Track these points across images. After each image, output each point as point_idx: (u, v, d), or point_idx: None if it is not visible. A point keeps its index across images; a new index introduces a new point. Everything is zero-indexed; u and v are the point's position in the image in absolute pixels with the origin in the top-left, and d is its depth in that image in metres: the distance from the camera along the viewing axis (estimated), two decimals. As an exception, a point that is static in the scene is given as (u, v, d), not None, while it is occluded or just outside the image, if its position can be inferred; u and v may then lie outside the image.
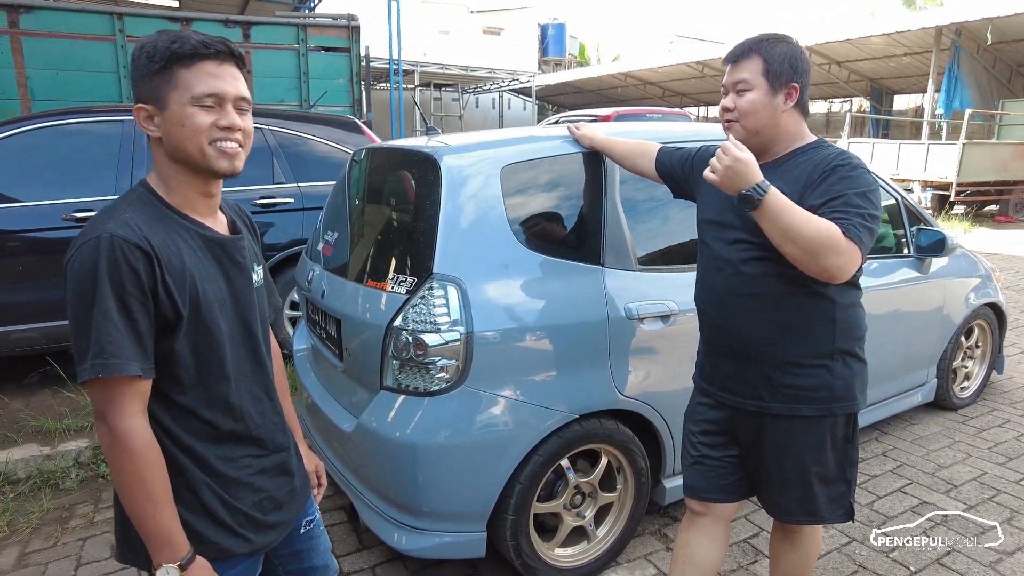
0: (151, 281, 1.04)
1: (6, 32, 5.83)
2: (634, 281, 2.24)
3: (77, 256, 1.02)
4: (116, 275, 1.00)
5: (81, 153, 3.87)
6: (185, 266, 1.09)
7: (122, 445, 1.02)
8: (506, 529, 2.07)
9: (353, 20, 7.17)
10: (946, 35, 14.21)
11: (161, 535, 1.06)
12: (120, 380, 1.02)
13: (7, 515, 2.77)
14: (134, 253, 1.02)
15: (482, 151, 2.22)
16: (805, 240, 1.41)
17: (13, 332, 3.62)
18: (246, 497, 1.20)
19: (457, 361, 1.95)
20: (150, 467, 1.04)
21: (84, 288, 1.01)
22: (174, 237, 1.10)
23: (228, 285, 1.18)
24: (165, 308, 1.06)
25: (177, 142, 1.10)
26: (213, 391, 1.15)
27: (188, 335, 1.10)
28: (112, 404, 1.03)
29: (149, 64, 1.07)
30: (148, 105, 1.10)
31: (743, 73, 1.60)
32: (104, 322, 1.00)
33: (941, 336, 3.43)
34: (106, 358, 0.99)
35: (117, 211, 1.07)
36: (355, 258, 2.43)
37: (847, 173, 1.53)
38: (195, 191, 1.16)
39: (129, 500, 1.04)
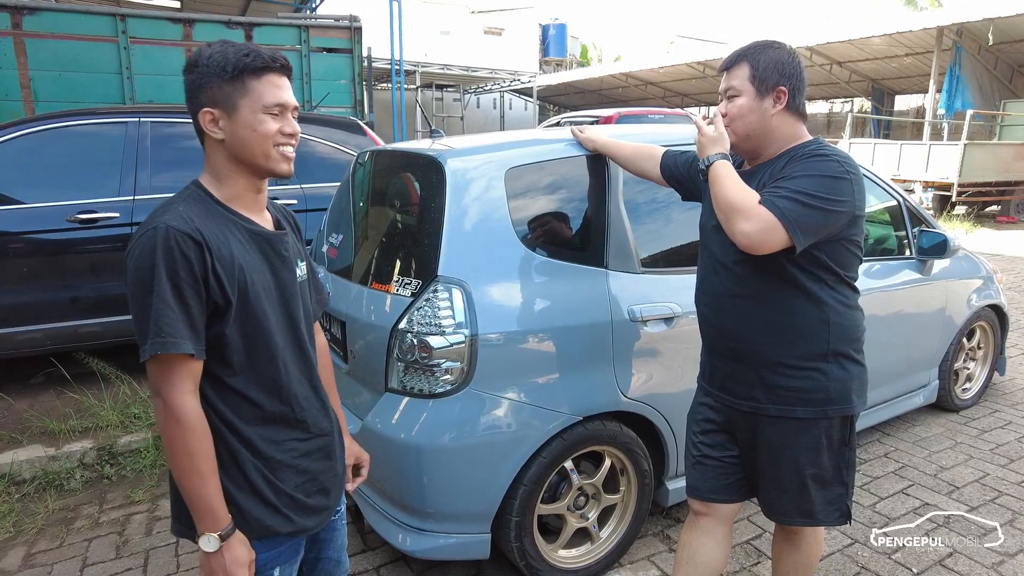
0: (202, 268, 1.12)
1: (9, 34, 5.84)
2: (637, 283, 2.25)
3: (136, 246, 1.11)
4: (171, 262, 1.09)
5: (85, 155, 3.88)
6: (234, 256, 1.17)
7: (174, 419, 1.11)
8: (510, 530, 2.08)
9: (355, 21, 7.18)
10: (947, 35, 14.21)
11: (204, 506, 1.14)
12: (175, 358, 1.10)
13: (12, 516, 2.79)
14: (186, 242, 1.10)
15: (486, 154, 2.23)
16: (721, 202, 1.55)
17: (18, 333, 3.63)
18: (290, 479, 1.27)
19: (461, 363, 1.96)
20: (198, 441, 1.12)
21: (143, 275, 1.09)
22: (223, 230, 1.18)
23: (273, 277, 1.25)
24: (215, 294, 1.14)
25: (245, 145, 1.20)
26: (262, 374, 1.22)
27: (237, 321, 1.18)
28: (167, 381, 1.11)
29: (221, 72, 1.17)
30: (216, 109, 1.18)
31: (732, 80, 1.66)
32: (161, 305, 1.08)
33: (943, 338, 3.44)
34: (164, 337, 1.08)
35: (172, 206, 1.16)
36: (360, 260, 2.44)
37: (812, 159, 1.56)
38: (248, 189, 1.25)
39: (178, 471, 1.13)
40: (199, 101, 1.19)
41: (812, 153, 1.59)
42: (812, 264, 1.59)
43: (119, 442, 3.26)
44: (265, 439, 1.23)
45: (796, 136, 1.67)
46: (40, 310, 3.67)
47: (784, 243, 1.49)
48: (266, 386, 1.23)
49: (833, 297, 1.62)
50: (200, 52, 1.19)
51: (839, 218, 1.53)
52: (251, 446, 1.21)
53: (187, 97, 1.21)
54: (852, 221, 1.58)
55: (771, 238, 1.48)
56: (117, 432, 3.33)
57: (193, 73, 1.18)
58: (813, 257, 1.58)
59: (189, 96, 1.20)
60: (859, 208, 1.58)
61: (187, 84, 1.20)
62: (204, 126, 1.19)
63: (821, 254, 1.58)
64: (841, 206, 1.52)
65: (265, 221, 1.29)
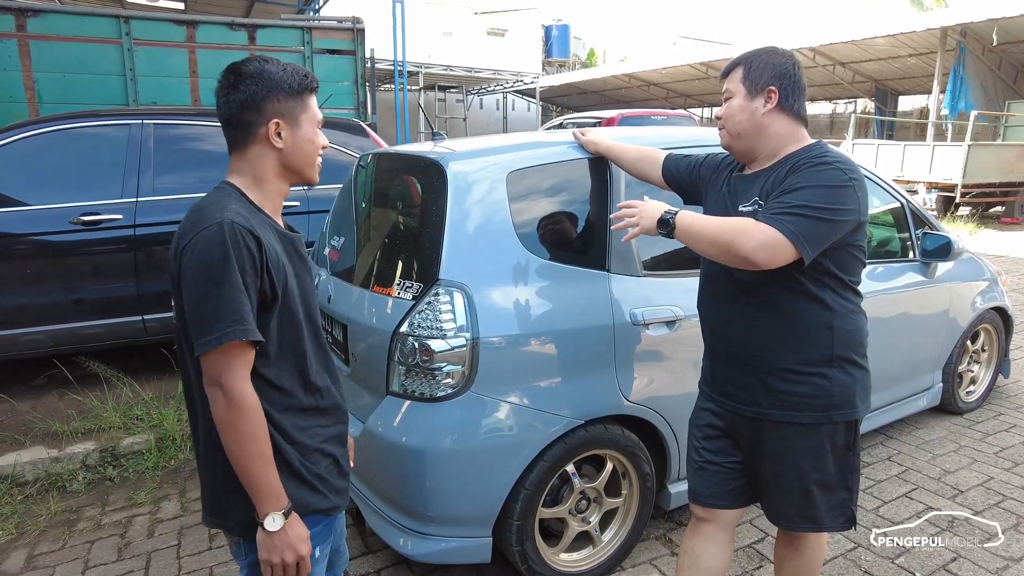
0: (261, 263, 1.19)
1: (14, 35, 5.85)
2: (639, 287, 2.25)
3: (200, 240, 1.16)
4: (239, 255, 1.16)
5: (88, 157, 3.89)
6: (278, 255, 1.25)
7: (240, 406, 1.16)
8: (512, 534, 2.07)
9: (358, 23, 7.18)
10: (951, 36, 14.16)
11: (270, 487, 1.20)
12: (241, 346, 1.16)
13: (15, 517, 2.79)
14: (249, 238, 1.17)
15: (488, 157, 2.23)
16: (711, 241, 1.55)
17: (22, 335, 3.65)
18: (320, 461, 1.34)
19: (463, 367, 1.96)
20: (261, 425, 1.19)
21: (213, 266, 1.14)
22: (264, 230, 1.24)
23: (297, 276, 1.32)
24: (266, 288, 1.21)
25: (302, 155, 1.32)
26: (292, 365, 1.29)
27: (278, 314, 1.25)
28: (231, 369, 1.16)
29: (288, 89, 1.27)
30: (282, 121, 1.28)
31: (728, 83, 1.70)
32: (237, 293, 1.15)
33: (947, 340, 3.42)
34: (244, 324, 1.14)
35: (225, 203, 1.21)
36: (361, 263, 2.44)
37: (814, 167, 1.56)
38: (281, 195, 1.35)
39: (243, 457, 1.17)
40: (263, 112, 1.26)
41: (814, 161, 1.58)
42: (815, 270, 1.58)
43: (121, 444, 3.26)
44: (295, 426, 1.29)
45: (794, 139, 1.66)
46: (43, 312, 3.68)
47: (792, 257, 1.50)
48: (295, 376, 1.30)
49: (836, 302, 1.61)
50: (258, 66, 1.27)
51: (845, 227, 1.54)
52: (285, 433, 1.27)
53: (243, 107, 1.26)
54: (857, 227, 1.58)
55: (778, 255, 1.49)
56: (119, 434, 3.34)
57: (256, 85, 1.25)
58: (817, 263, 1.57)
59: (248, 106, 1.26)
60: (863, 214, 1.58)
61: (247, 95, 1.25)
62: (270, 135, 1.27)
63: (825, 260, 1.58)
64: (846, 215, 1.52)
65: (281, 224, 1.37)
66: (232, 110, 1.27)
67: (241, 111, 1.27)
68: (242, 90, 1.26)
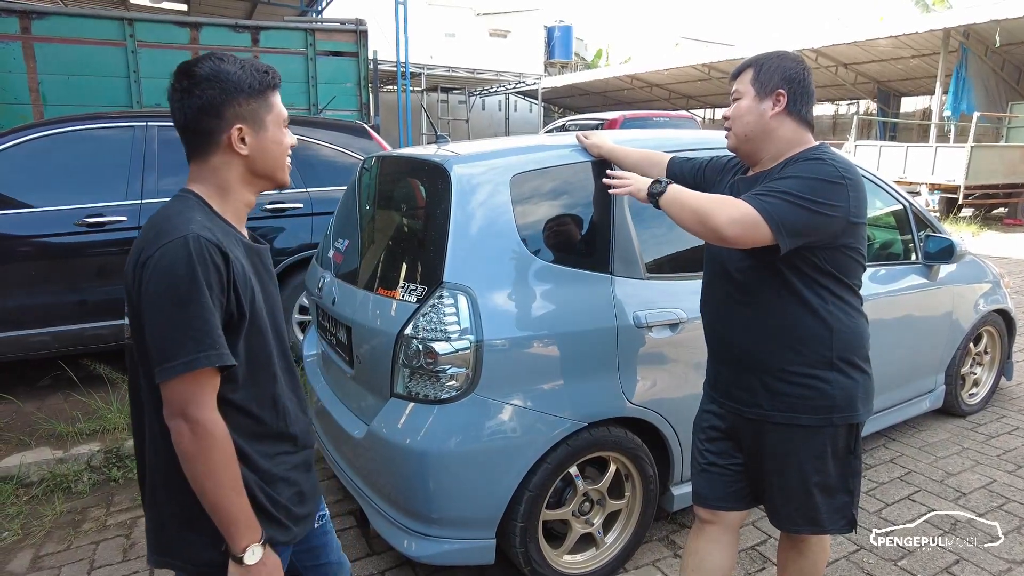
0: (229, 281, 1.11)
1: (19, 38, 5.89)
2: (643, 289, 2.25)
3: (163, 255, 1.06)
4: (207, 273, 1.07)
5: (93, 159, 3.91)
6: (244, 270, 1.17)
7: (209, 437, 1.07)
8: (515, 536, 2.08)
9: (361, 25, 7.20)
10: (954, 37, 14.15)
11: (245, 517, 1.12)
12: (208, 373, 1.07)
13: (21, 518, 2.81)
14: (216, 252, 1.09)
15: (492, 160, 2.23)
16: (690, 212, 1.58)
17: (27, 336, 3.66)
18: (285, 491, 1.26)
19: (467, 369, 1.97)
20: (232, 455, 1.10)
21: (179, 284, 1.05)
22: (230, 244, 1.16)
23: (263, 291, 1.24)
24: (233, 307, 1.13)
25: (270, 159, 1.23)
26: (263, 389, 1.22)
27: (246, 335, 1.17)
28: (198, 399, 1.07)
29: (249, 90, 1.18)
30: (245, 125, 1.19)
31: (738, 84, 1.70)
32: (207, 314, 1.05)
33: (949, 342, 3.43)
34: (217, 348, 1.06)
35: (188, 215, 1.12)
36: (365, 266, 2.45)
37: (807, 162, 1.57)
38: (248, 203, 1.27)
39: (215, 489, 1.08)
40: (224, 117, 1.17)
41: (809, 156, 1.60)
42: (814, 271, 1.59)
43: (126, 445, 3.27)
44: (262, 453, 1.22)
45: (799, 143, 1.67)
46: (48, 313, 3.70)
47: (767, 239, 1.50)
48: (265, 401, 1.22)
49: (835, 304, 1.62)
50: (214, 66, 1.16)
51: (830, 222, 1.52)
52: (250, 460, 1.19)
53: (200, 113, 1.16)
54: (849, 228, 1.56)
55: (750, 231, 1.49)
56: (124, 435, 3.35)
57: (213, 88, 1.15)
58: (813, 264, 1.58)
59: (206, 112, 1.16)
60: (855, 215, 1.55)
61: (204, 99, 1.15)
62: (232, 142, 1.18)
63: (821, 261, 1.58)
64: (832, 210, 1.50)
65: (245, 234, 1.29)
66: (189, 117, 1.17)
67: (199, 118, 1.17)
68: (198, 95, 1.15)
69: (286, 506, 1.26)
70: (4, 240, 3.61)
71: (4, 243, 3.61)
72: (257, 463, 1.20)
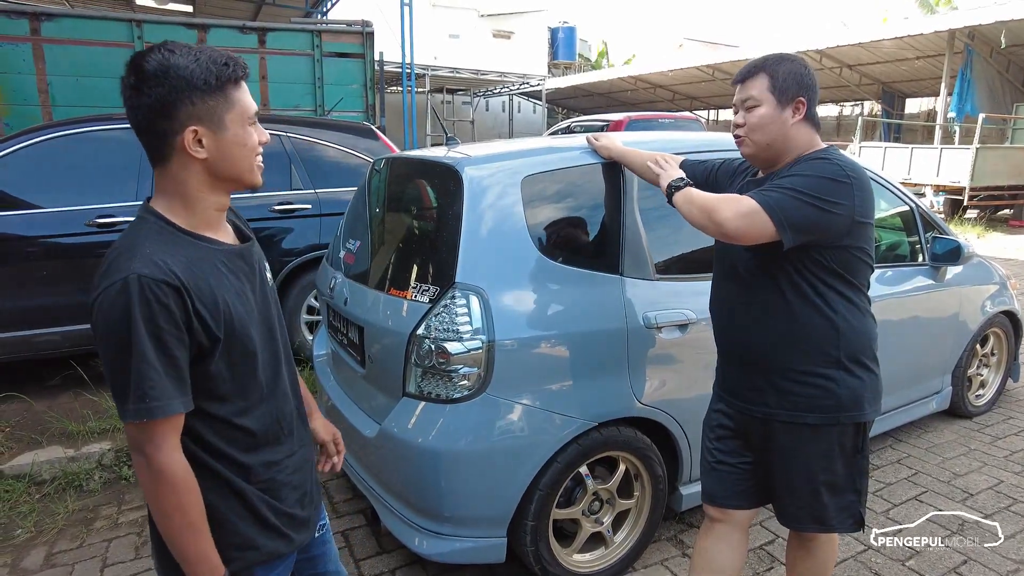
0: (184, 315, 1.03)
1: (28, 39, 5.93)
2: (652, 290, 2.27)
3: (105, 299, 1.00)
4: (149, 315, 0.99)
5: (103, 160, 3.94)
6: (213, 291, 1.08)
7: (162, 480, 1.04)
8: (526, 535, 2.10)
9: (367, 26, 7.23)
10: (959, 38, 14.12)
11: (201, 560, 1.09)
12: (160, 420, 1.02)
13: (33, 515, 2.83)
14: (163, 290, 1.00)
15: (503, 162, 2.25)
16: (699, 209, 1.62)
17: (37, 335, 3.69)
18: (290, 496, 1.24)
19: (479, 369, 1.99)
20: (188, 495, 1.06)
21: (117, 332, 0.99)
22: (197, 263, 1.08)
23: (252, 295, 1.18)
24: (200, 337, 1.06)
25: (233, 162, 1.12)
26: (250, 399, 1.17)
27: (224, 354, 1.11)
28: (150, 442, 1.03)
29: (204, 86, 1.05)
30: (201, 127, 1.07)
31: (751, 91, 1.67)
32: (143, 365, 0.99)
33: (956, 344, 3.43)
34: (148, 402, 1.00)
35: (137, 247, 1.03)
36: (377, 267, 2.47)
37: (814, 161, 1.59)
38: (218, 208, 1.16)
39: (169, 529, 1.07)
40: (177, 119, 1.05)
41: (816, 156, 1.62)
42: (821, 270, 1.61)
43: (137, 444, 3.29)
44: (263, 463, 1.19)
45: (811, 145, 1.69)
46: (59, 313, 3.73)
47: (770, 234, 1.51)
48: (254, 412, 1.17)
49: (842, 304, 1.63)
50: (162, 59, 1.04)
51: (834, 220, 1.53)
52: (250, 472, 1.16)
53: (151, 113, 1.05)
54: (855, 228, 1.57)
55: (755, 226, 1.52)
56: (134, 434, 3.37)
57: (162, 87, 1.03)
58: (821, 264, 1.60)
59: (157, 114, 1.05)
60: (860, 214, 1.56)
61: (153, 99, 1.03)
62: (188, 145, 1.06)
63: (828, 261, 1.59)
64: (836, 208, 1.52)
65: (228, 235, 1.21)
66: (139, 118, 1.06)
67: (150, 119, 1.05)
68: (147, 93, 1.04)
69: (289, 513, 1.24)
70: (16, 240, 3.64)
71: (15, 243, 3.64)
72: (259, 474, 1.18)
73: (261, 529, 1.19)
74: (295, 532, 1.26)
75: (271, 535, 1.20)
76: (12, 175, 3.70)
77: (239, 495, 1.16)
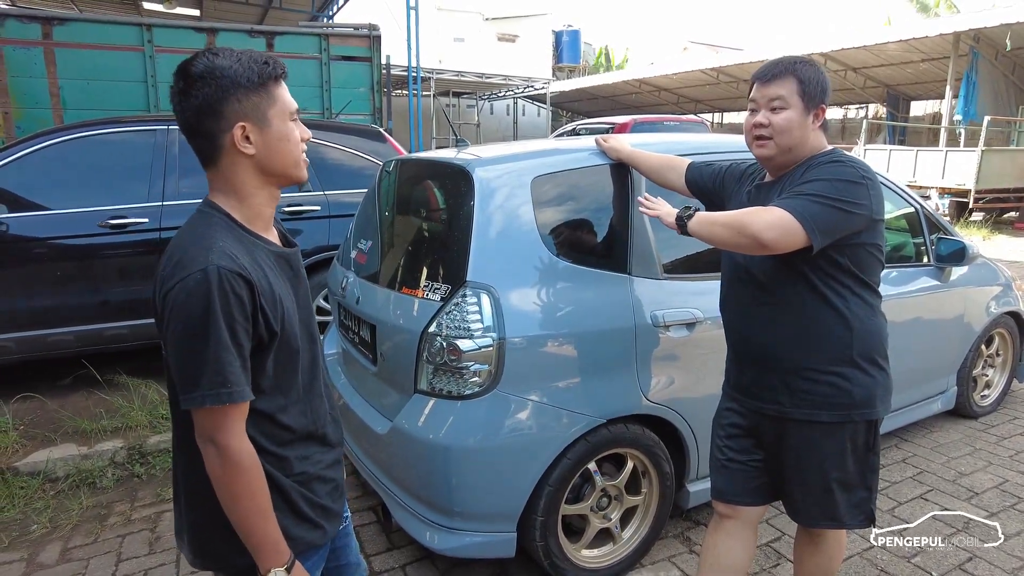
0: (253, 308, 1.08)
1: (39, 43, 5.99)
2: (660, 289, 2.30)
3: (183, 288, 1.04)
4: (227, 306, 1.04)
5: (115, 162, 3.99)
6: (272, 288, 1.14)
7: (236, 466, 1.08)
8: (535, 530, 2.13)
9: (374, 30, 7.29)
10: (964, 41, 14.12)
11: (270, 543, 1.13)
12: (235, 405, 1.07)
13: (48, 512, 2.87)
14: (238, 283, 1.06)
15: (513, 163, 2.29)
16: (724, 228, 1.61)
17: (50, 335, 3.74)
18: (321, 488, 1.28)
19: (490, 366, 2.02)
20: (259, 480, 1.11)
21: (196, 320, 1.03)
22: (257, 260, 1.13)
23: (296, 296, 1.23)
24: (262, 331, 1.11)
25: (280, 156, 1.16)
26: (289, 398, 1.21)
27: (276, 349, 1.15)
28: (224, 429, 1.07)
29: (248, 84, 1.11)
30: (248, 123, 1.12)
31: (780, 90, 1.66)
32: (223, 351, 1.04)
33: (961, 344, 3.45)
34: (229, 387, 1.05)
35: (210, 239, 1.09)
36: (388, 266, 2.51)
37: (829, 164, 1.61)
38: (269, 204, 1.21)
39: (241, 514, 1.10)
40: (225, 117, 1.10)
41: (829, 159, 1.64)
42: (835, 269, 1.63)
43: (148, 442, 3.34)
44: (298, 457, 1.23)
45: (819, 148, 1.72)
46: (71, 313, 3.77)
47: (802, 241, 1.53)
48: (293, 408, 1.22)
49: (855, 302, 1.66)
50: (208, 62, 1.10)
51: (855, 220, 1.57)
52: (287, 465, 1.20)
53: (200, 114, 1.10)
54: (871, 226, 1.62)
55: (787, 235, 1.52)
56: (146, 432, 3.42)
57: (209, 86, 1.09)
58: (835, 262, 1.62)
59: (205, 112, 1.10)
60: (876, 213, 1.61)
61: (201, 99, 1.09)
62: (237, 142, 1.11)
63: (843, 259, 1.62)
64: (858, 208, 1.56)
65: (275, 237, 1.26)
66: (189, 119, 1.12)
67: (199, 119, 1.11)
68: (195, 95, 1.09)
69: (323, 505, 1.27)
70: (28, 242, 3.69)
71: (28, 244, 3.69)
72: (294, 467, 1.22)
73: (298, 520, 1.22)
74: (328, 523, 1.29)
75: (307, 527, 1.24)
76: (25, 178, 3.75)
77: (277, 487, 1.18)
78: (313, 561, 1.28)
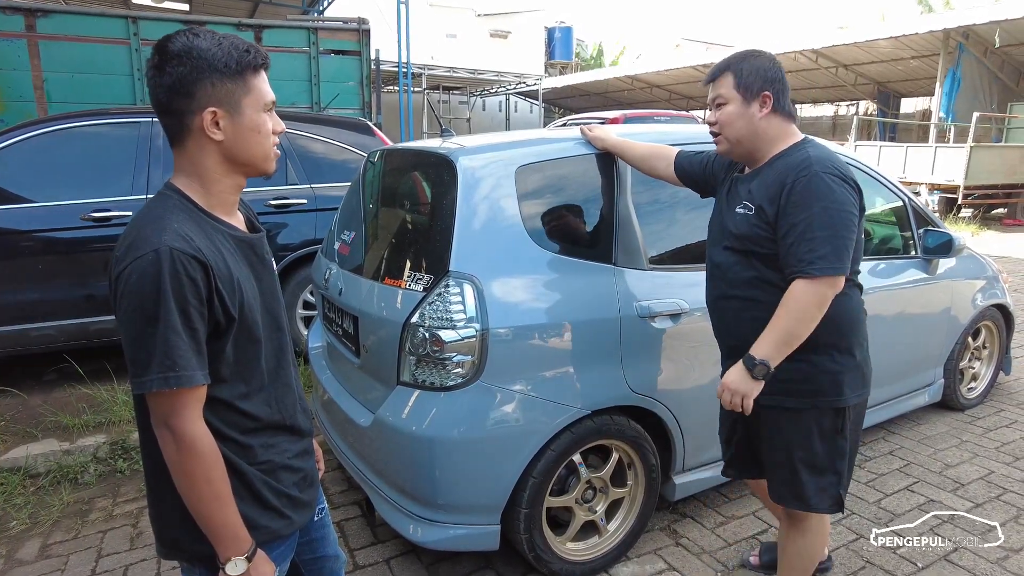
0: (207, 290, 1.06)
1: (23, 36, 5.92)
2: (645, 280, 2.28)
3: (135, 269, 1.01)
4: (178, 288, 1.02)
5: (98, 154, 3.94)
6: (231, 272, 1.11)
7: (190, 450, 1.06)
8: (519, 522, 2.11)
9: (364, 24, 7.24)
10: (954, 38, 14.19)
11: (228, 531, 1.11)
12: (187, 390, 1.04)
13: (28, 508, 2.83)
14: (192, 265, 1.03)
15: (497, 152, 2.26)
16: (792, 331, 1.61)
17: (33, 329, 3.69)
18: (288, 478, 1.26)
19: (473, 357, 2.00)
20: (216, 467, 1.08)
21: (146, 302, 1.01)
22: (215, 243, 1.11)
23: (259, 284, 1.20)
24: (218, 314, 1.09)
25: (248, 146, 1.14)
26: (251, 385, 1.19)
27: (235, 336, 1.13)
28: (177, 413, 1.05)
29: (224, 68, 1.09)
30: (219, 109, 1.10)
31: (719, 89, 1.75)
32: (172, 335, 1.01)
33: (948, 337, 3.45)
34: (178, 371, 1.02)
35: (165, 220, 1.06)
36: (372, 257, 2.48)
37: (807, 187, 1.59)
38: (233, 191, 1.19)
39: (196, 501, 1.08)
40: (195, 99, 1.08)
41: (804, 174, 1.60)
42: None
43: (131, 437, 3.30)
44: (262, 444, 1.21)
45: (787, 135, 1.74)
46: (54, 307, 3.73)
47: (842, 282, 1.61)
48: (255, 396, 1.19)
49: None
50: (186, 41, 1.07)
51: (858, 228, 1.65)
52: (250, 453, 1.18)
53: (171, 92, 1.08)
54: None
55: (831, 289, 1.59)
56: (130, 427, 3.38)
57: (184, 66, 1.06)
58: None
59: (176, 91, 1.07)
60: (863, 208, 1.68)
61: (174, 77, 1.07)
62: (205, 126, 1.09)
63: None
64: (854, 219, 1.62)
65: (239, 222, 1.23)
66: (160, 96, 1.09)
67: (170, 98, 1.08)
68: (169, 72, 1.07)
69: (289, 494, 1.25)
70: (10, 235, 3.64)
71: (10, 238, 3.64)
72: (258, 455, 1.20)
73: (262, 509, 1.20)
74: (295, 513, 1.27)
75: (272, 515, 1.22)
76: (7, 170, 3.70)
77: (239, 475, 1.16)
78: (279, 551, 1.26)
